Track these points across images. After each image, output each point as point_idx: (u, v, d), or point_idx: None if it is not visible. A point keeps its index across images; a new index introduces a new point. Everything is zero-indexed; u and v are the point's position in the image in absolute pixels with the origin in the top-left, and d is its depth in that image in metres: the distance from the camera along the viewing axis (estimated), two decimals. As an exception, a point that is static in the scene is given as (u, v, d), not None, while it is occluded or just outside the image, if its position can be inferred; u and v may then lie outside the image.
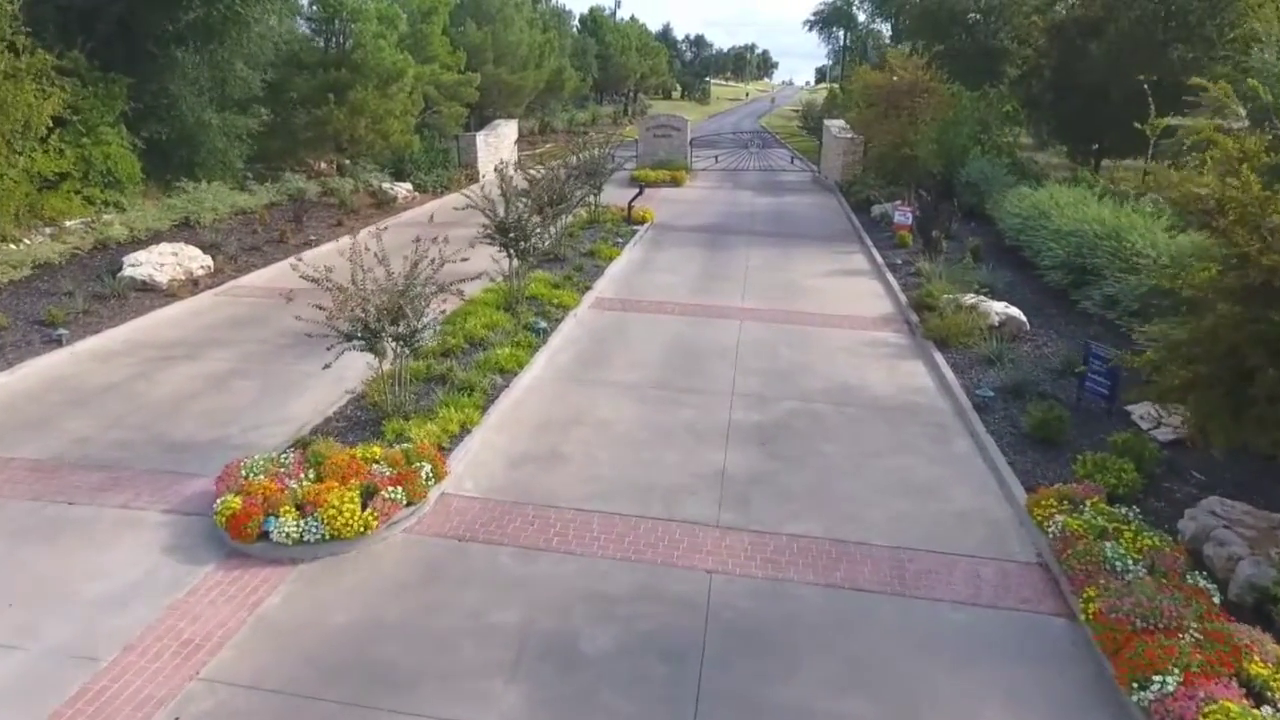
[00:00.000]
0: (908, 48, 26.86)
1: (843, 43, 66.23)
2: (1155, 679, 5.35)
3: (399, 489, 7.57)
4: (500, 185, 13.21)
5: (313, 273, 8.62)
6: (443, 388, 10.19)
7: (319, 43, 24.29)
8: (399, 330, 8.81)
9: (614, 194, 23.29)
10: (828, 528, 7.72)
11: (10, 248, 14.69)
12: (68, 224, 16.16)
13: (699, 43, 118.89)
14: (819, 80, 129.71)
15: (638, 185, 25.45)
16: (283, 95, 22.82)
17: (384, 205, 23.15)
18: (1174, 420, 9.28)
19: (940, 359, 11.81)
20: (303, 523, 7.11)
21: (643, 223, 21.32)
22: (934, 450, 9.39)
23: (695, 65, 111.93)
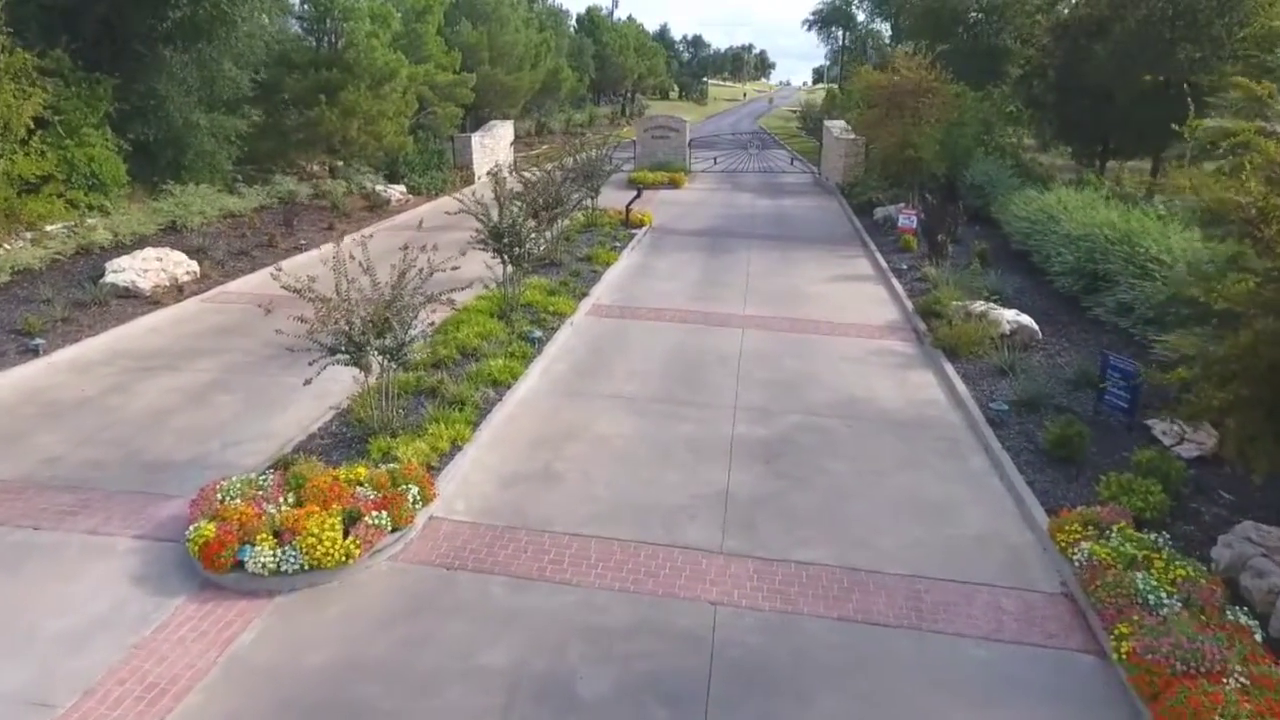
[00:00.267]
0: (909, 47, 26.41)
1: (842, 43, 65.81)
2: (1200, 730, 4.93)
3: (384, 514, 7.13)
4: (494, 189, 12.78)
5: (294, 282, 8.18)
6: (433, 402, 9.75)
7: (310, 42, 23.84)
8: (385, 343, 8.37)
9: (612, 196, 22.84)
10: (838, 554, 7.29)
11: (-12, 253, 14.25)
12: (49, 228, 15.68)
13: (696, 43, 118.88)
14: (816, 81, 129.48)
15: (636, 187, 25.04)
16: (274, 96, 22.37)
17: (377, 208, 22.71)
18: (1199, 436, 8.88)
19: (950, 369, 11.39)
20: (280, 552, 6.66)
21: (641, 226, 20.90)
22: (947, 468, 8.96)
23: (693, 66, 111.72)
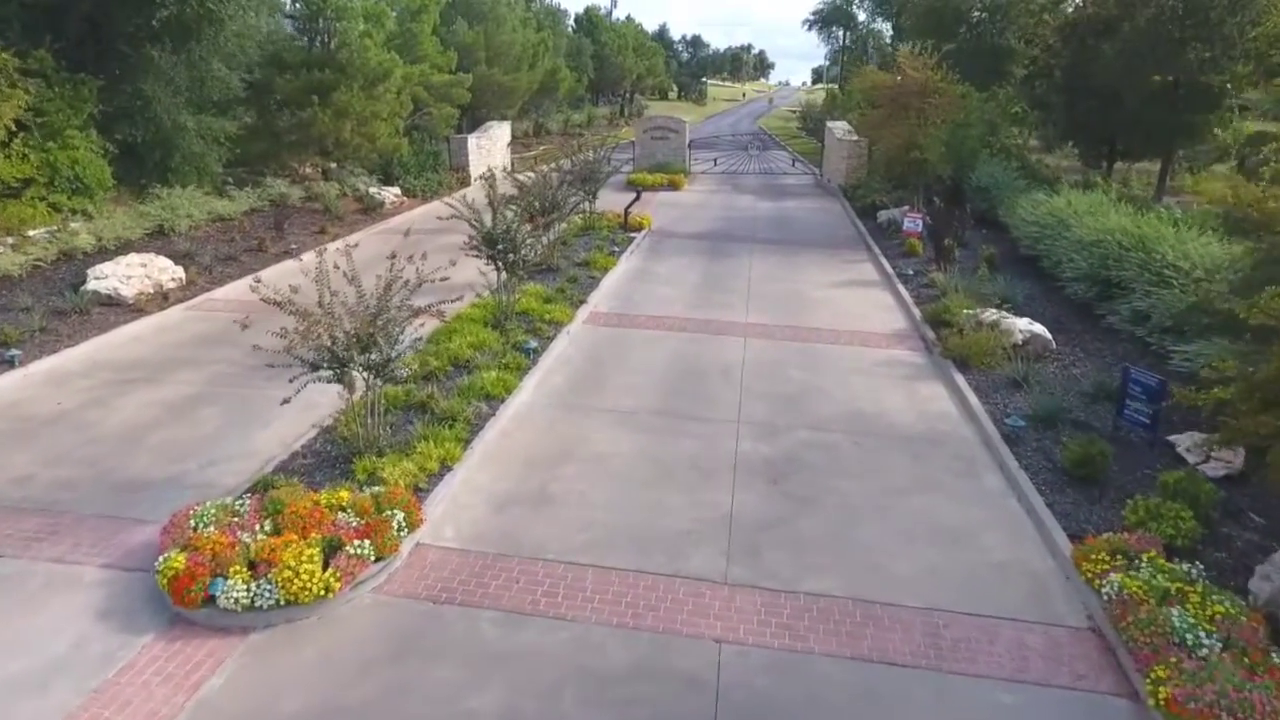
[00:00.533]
0: (911, 47, 25.94)
1: (842, 43, 65.35)
2: (1253, 792, 4.51)
3: (366, 543, 6.70)
4: (487, 193, 12.34)
5: (274, 294, 7.75)
6: (422, 417, 9.32)
7: (303, 42, 23.35)
8: (371, 359, 7.93)
9: (610, 198, 22.38)
10: (850, 584, 6.86)
11: (-34, 260, 13.80)
12: (31, 233, 15.22)
13: (695, 43, 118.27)
14: (815, 81, 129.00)
15: (635, 189, 24.58)
16: (265, 97, 21.90)
17: (371, 211, 22.25)
18: (1225, 453, 8.45)
19: (962, 381, 10.95)
20: (254, 586, 6.23)
21: (640, 229, 20.46)
22: (962, 488, 8.53)
23: (692, 66, 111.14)
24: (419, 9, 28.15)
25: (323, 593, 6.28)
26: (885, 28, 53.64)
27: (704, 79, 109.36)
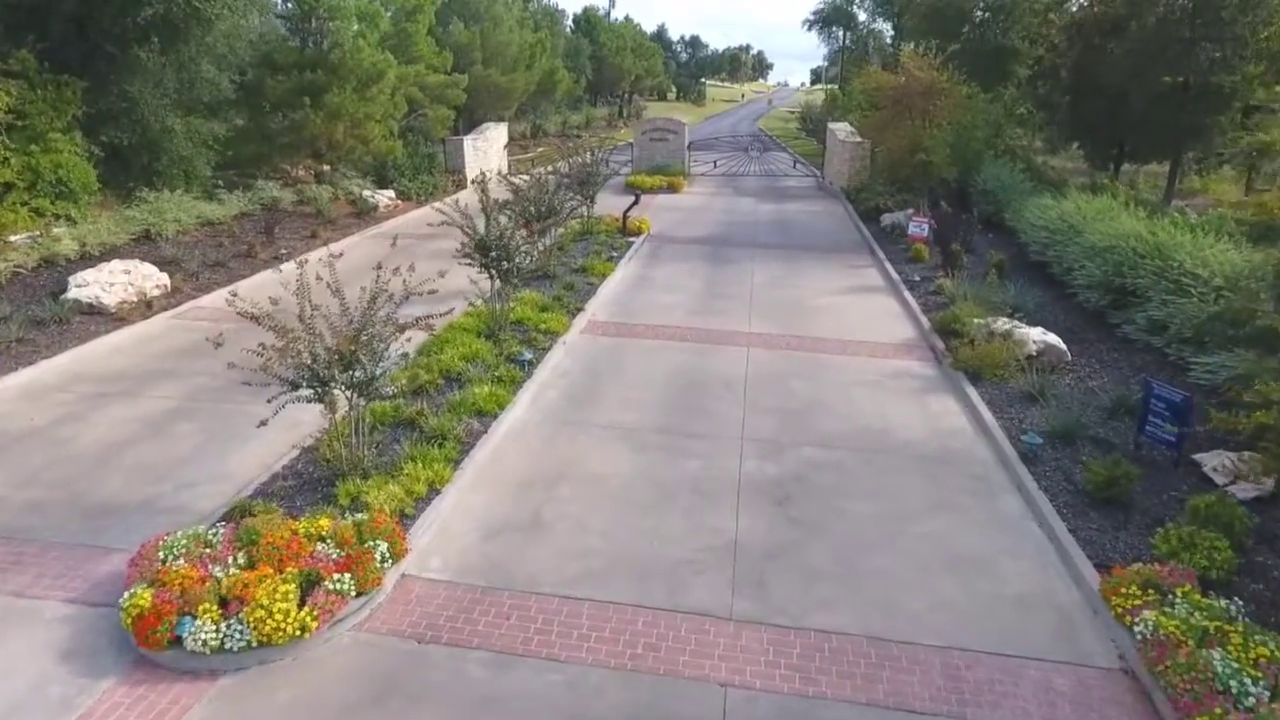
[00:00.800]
0: (914, 47, 25.56)
1: (842, 43, 64.94)
2: None
3: (346, 576, 6.27)
4: (480, 198, 11.90)
5: (251, 309, 7.32)
6: (411, 435, 8.88)
7: (295, 42, 22.90)
8: (353, 377, 7.50)
9: (608, 201, 21.94)
10: (862, 620, 6.43)
11: (-57, 267, 13.37)
12: (13, 239, 14.79)
13: (694, 43, 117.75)
14: (814, 81, 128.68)
15: (633, 192, 24.16)
16: (257, 98, 21.46)
17: (364, 214, 21.79)
18: (1255, 473, 8.03)
19: (974, 394, 10.53)
20: (224, 626, 5.80)
21: (639, 234, 20.02)
22: (978, 510, 8.10)
23: (690, 66, 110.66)
24: (414, 9, 27.75)
25: (298, 633, 5.85)
26: (886, 28, 53.29)
27: (702, 79, 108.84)
